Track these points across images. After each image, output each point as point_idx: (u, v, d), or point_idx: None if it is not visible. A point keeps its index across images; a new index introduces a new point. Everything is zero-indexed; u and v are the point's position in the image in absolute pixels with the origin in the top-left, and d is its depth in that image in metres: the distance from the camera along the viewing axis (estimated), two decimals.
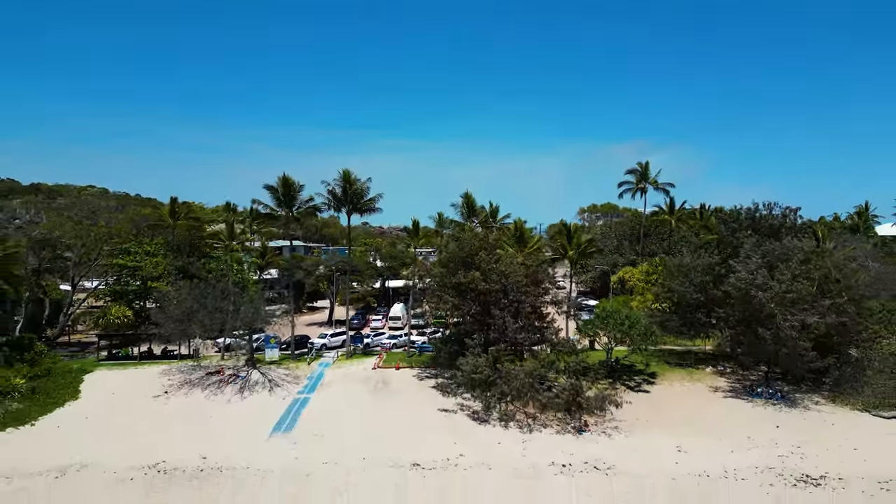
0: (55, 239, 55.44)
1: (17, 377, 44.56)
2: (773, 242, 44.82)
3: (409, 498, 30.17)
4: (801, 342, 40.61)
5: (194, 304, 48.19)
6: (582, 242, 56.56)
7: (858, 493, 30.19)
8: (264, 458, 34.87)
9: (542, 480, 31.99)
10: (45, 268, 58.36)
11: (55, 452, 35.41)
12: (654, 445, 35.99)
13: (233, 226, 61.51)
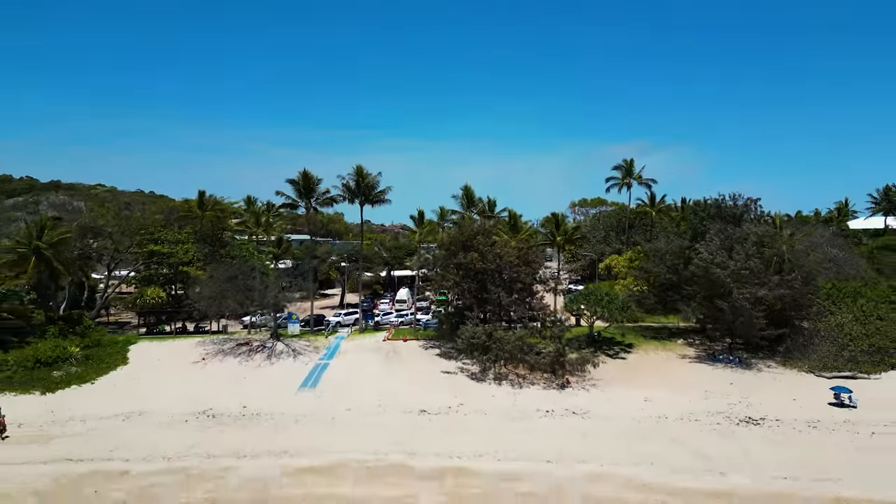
0: (99, 227, 61.36)
1: (73, 346, 50.50)
2: (733, 228, 50.88)
3: (417, 433, 36.14)
4: (754, 312, 46.61)
5: (226, 283, 54.19)
6: (568, 230, 62.68)
7: (790, 430, 36.19)
8: (295, 406, 40.92)
9: (528, 421, 38.00)
10: (87, 254, 64.29)
11: (117, 403, 41.42)
12: (625, 397, 41.99)
13: (259, 215, 67.68)
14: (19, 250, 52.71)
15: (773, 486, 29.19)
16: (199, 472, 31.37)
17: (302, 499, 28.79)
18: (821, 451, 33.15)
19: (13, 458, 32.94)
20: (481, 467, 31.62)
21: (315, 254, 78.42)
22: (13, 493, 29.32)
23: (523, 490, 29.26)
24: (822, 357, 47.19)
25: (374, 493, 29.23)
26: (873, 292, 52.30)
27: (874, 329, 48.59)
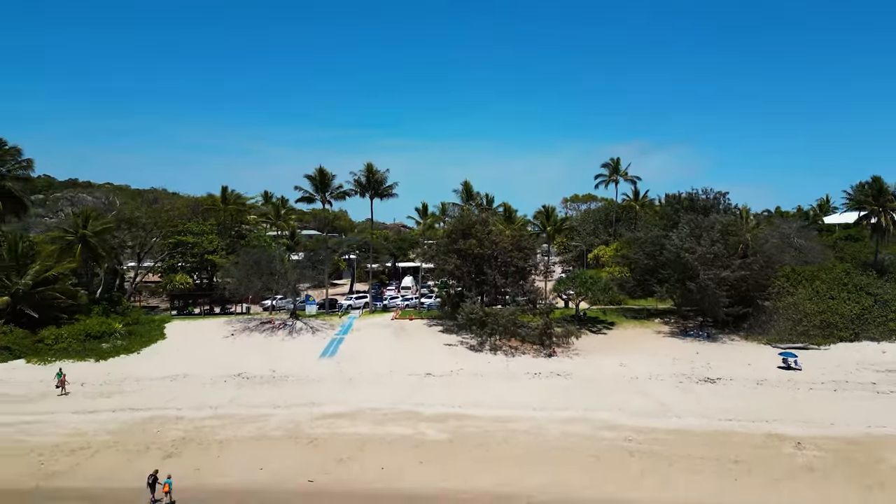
0: (135, 219, 67.27)
1: (117, 323, 56.33)
2: (702, 218, 56.75)
3: (424, 390, 42.03)
4: (718, 292, 52.51)
5: (251, 268, 60.05)
6: (557, 221, 68.59)
7: (740, 386, 42.08)
8: (317, 371, 46.85)
9: (518, 381, 43.92)
10: (121, 243, 70.13)
11: (162, 368, 47.32)
12: (603, 363, 47.86)
13: (279, 208, 73.60)
14: (67, 238, 58.61)
15: (718, 426, 35.01)
16: (242, 417, 37.21)
17: (329, 435, 34.52)
18: (763, 401, 39.02)
19: (84, 409, 38.83)
20: (478, 413, 37.47)
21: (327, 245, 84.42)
22: (90, 432, 35.09)
23: (511, 428, 35.02)
24: (779, 331, 53.07)
25: (389, 432, 34.99)
26: (828, 275, 58.14)
27: (826, 307, 54.47)
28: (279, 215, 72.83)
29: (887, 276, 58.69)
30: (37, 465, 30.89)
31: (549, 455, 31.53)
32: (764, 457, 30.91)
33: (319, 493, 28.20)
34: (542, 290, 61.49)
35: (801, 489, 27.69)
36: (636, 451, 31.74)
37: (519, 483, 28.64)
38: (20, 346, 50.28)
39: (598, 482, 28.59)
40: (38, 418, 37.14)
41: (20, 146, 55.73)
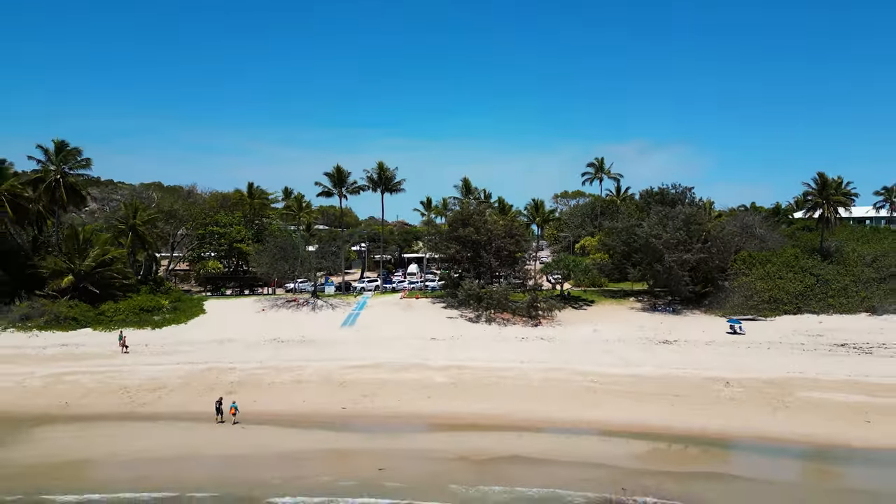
0: (174, 211, 75.23)
1: (164, 300, 64.26)
2: (669, 209, 64.64)
3: (430, 349, 49.92)
4: (681, 272, 60.42)
5: (278, 253, 67.96)
6: (545, 213, 76.47)
7: (692, 346, 50.03)
8: (340, 336, 54.82)
9: (508, 343, 51.86)
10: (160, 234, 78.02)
11: (209, 334, 55.27)
12: (580, 330, 55.81)
13: (300, 202, 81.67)
14: (119, 226, 66.53)
15: (667, 372, 42.93)
16: (282, 368, 45.08)
17: (354, 380, 42.33)
18: (708, 356, 46.97)
19: (152, 363, 46.74)
20: (474, 365, 45.36)
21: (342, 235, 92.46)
22: (163, 377, 42.96)
23: (501, 375, 42.90)
24: (734, 306, 60.97)
25: (402, 377, 42.84)
26: (779, 259, 66.01)
27: (774, 285, 62.37)
28: (301, 207, 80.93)
29: (831, 259, 66.54)
30: (128, 399, 38.82)
31: (530, 392, 39.45)
32: (698, 392, 38.82)
33: (350, 416, 36.08)
34: (532, 272, 69.42)
35: (723, 411, 35.52)
36: (598, 389, 39.68)
37: (505, 408, 36.49)
38: (85, 317, 58.24)
39: (566, 408, 36.47)
40: (117, 369, 45.08)
41: (80, 147, 63.42)
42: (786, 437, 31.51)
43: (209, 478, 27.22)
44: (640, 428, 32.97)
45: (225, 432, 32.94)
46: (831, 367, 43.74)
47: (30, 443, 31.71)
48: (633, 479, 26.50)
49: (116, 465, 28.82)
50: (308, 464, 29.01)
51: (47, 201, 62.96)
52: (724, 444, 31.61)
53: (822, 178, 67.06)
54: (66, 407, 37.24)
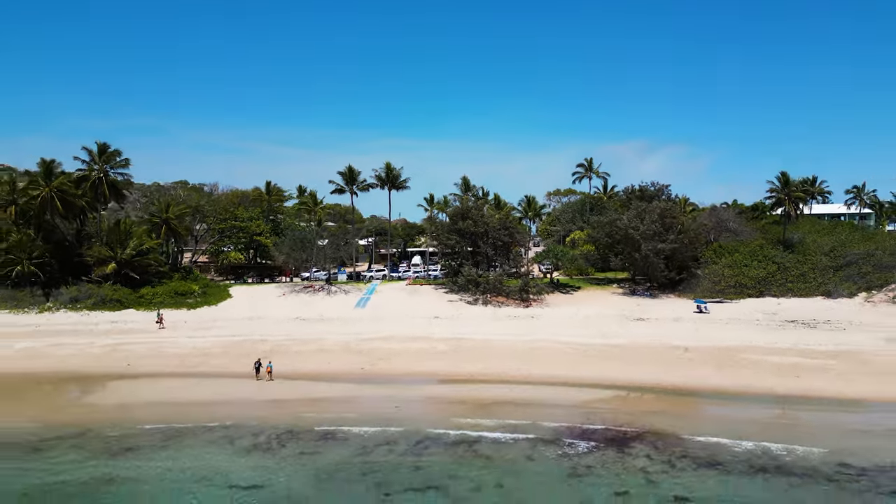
0: (200, 206, 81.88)
1: (194, 286, 70.83)
2: (646, 204, 71.24)
3: (433, 325, 56.46)
4: (656, 260, 67.01)
5: (296, 244, 74.57)
6: (537, 207, 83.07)
7: (661, 322, 56.56)
8: (354, 315, 61.41)
9: (501, 321, 58.41)
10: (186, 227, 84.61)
11: (238, 314, 61.86)
12: (566, 310, 62.40)
13: (315, 198, 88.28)
14: (154, 220, 73.13)
15: (635, 341, 49.41)
16: (307, 339, 51.63)
17: (370, 348, 48.83)
18: (673, 330, 53.48)
19: (193, 336, 53.27)
20: (472, 337, 51.90)
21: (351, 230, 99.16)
22: (205, 347, 49.49)
23: (494, 344, 49.43)
24: (703, 290, 67.59)
25: (411, 346, 49.34)
26: (745, 248, 72.63)
27: (740, 272, 68.98)
28: (315, 203, 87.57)
29: (793, 249, 73.09)
30: (179, 362, 45.32)
31: (519, 356, 45.91)
32: (660, 356, 45.35)
33: (368, 374, 42.55)
34: (524, 260, 76.06)
35: (678, 369, 41.97)
36: (576, 354, 46.18)
37: (497, 368, 42.85)
38: (128, 299, 64.84)
39: (547, 368, 42.94)
40: (164, 340, 51.65)
41: (120, 150, 69.97)
42: (725, 388, 38.07)
43: (261, 414, 33.72)
44: (608, 381, 39.50)
45: (265, 385, 39.45)
46: (778, 337, 50.40)
47: (109, 392, 38.34)
48: (597, 414, 33.13)
49: (185, 404, 35.33)
50: (336, 405, 35.58)
51: (91, 197, 69.49)
52: (675, 392, 38.09)
53: (784, 176, 73.70)
54: (129, 368, 43.76)
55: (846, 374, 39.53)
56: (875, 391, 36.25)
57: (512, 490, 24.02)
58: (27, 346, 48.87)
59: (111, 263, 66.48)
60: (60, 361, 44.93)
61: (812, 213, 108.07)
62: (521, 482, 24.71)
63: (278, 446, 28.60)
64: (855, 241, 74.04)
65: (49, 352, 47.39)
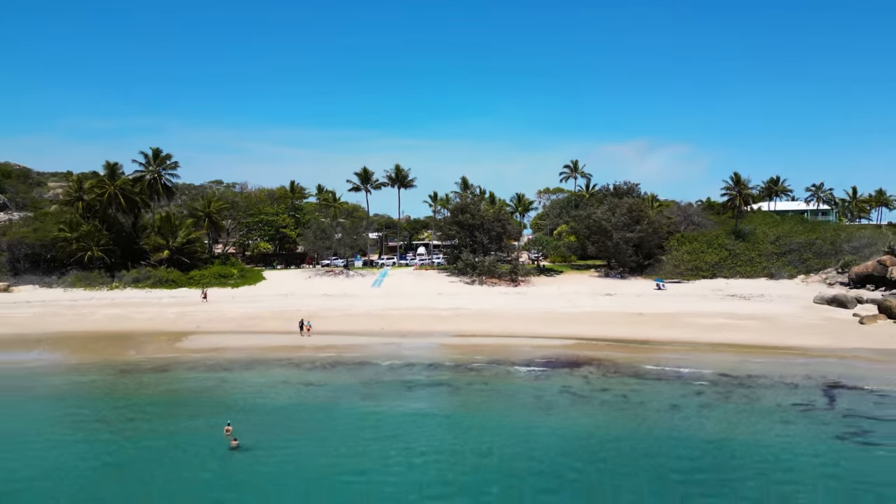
0: (236, 202, 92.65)
1: (233, 269, 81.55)
2: (618, 200, 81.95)
3: (437, 300, 67.13)
4: (626, 248, 77.73)
5: (319, 234, 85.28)
6: (527, 203, 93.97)
7: (626, 297, 67.22)
8: (371, 293, 72.15)
9: (494, 297, 69.10)
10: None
11: (274, 291, 72.56)
12: (548, 289, 73.14)
13: (335, 195, 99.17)
14: (198, 214, 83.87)
15: (601, 309, 60.13)
16: (335, 308, 62.28)
17: (387, 315, 59.39)
18: (634, 302, 64.16)
19: (241, 306, 63.97)
20: (469, 307, 62.51)
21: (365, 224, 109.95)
22: (254, 314, 60.16)
23: (488, 312, 60.11)
24: (665, 273, 78.30)
25: (420, 314, 59.84)
26: (703, 238, 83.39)
27: (696, 258, 79.74)
28: (335, 200, 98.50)
29: (744, 238, 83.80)
30: (236, 325, 55.91)
31: (505, 320, 56.59)
32: (618, 319, 55.98)
33: (388, 331, 52.96)
34: (514, 248, 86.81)
35: (631, 328, 52.51)
36: (554, 318, 56.78)
37: (489, 327, 53.46)
38: (180, 279, 75.52)
39: (527, 327, 53.48)
40: (220, 310, 62.20)
41: (171, 153, 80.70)
42: (662, 338, 48.65)
43: (309, 354, 44.32)
44: (572, 335, 49.94)
45: (308, 338, 50.06)
46: (715, 306, 61.13)
47: (191, 341, 48.95)
48: (559, 353, 43.85)
49: (252, 348, 45.98)
50: (366, 349, 46.10)
51: (147, 195, 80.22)
52: (623, 341, 48.58)
53: (736, 176, 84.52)
54: (198, 328, 54.43)
55: (755, 330, 50.29)
56: (771, 340, 46.91)
57: (493, 385, 34.79)
58: (112, 313, 59.61)
59: (165, 250, 77.24)
60: (144, 323, 55.67)
61: (777, 209, 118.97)
62: (500, 382, 35.47)
63: (330, 367, 39.39)
64: (798, 233, 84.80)
65: (133, 316, 58.15)
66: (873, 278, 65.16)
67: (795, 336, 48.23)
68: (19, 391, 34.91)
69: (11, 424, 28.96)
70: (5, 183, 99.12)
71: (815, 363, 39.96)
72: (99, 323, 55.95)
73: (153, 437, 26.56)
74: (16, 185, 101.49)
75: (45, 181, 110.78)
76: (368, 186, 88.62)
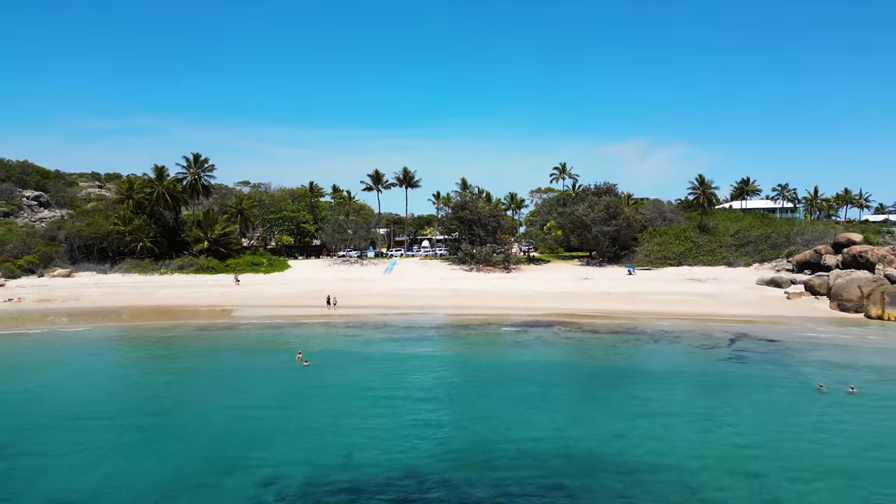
0: (263, 201, 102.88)
1: (263, 259, 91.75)
2: (596, 199, 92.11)
3: (440, 283, 77.33)
4: (604, 239, 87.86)
5: (336, 228, 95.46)
6: (519, 201, 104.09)
7: (602, 280, 77.38)
8: (384, 277, 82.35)
9: (489, 281, 79.28)
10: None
11: (301, 277, 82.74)
12: (535, 274, 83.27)
13: (350, 195, 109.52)
14: (232, 210, 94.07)
15: (579, 289, 70.35)
16: (354, 289, 72.50)
17: (399, 294, 69.54)
18: (607, 284, 74.19)
19: (275, 288, 74.23)
20: (467, 289, 72.69)
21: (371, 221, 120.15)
22: (287, 293, 70.30)
23: (483, 291, 70.29)
24: (637, 261, 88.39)
25: (426, 293, 70.01)
26: (672, 231, 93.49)
27: (665, 248, 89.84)
28: (350, 198, 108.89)
29: (708, 232, 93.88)
30: (275, 301, 66.10)
31: (498, 297, 66.74)
32: (591, 296, 66.07)
33: (400, 305, 63.12)
34: (507, 240, 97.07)
35: (600, 304, 62.59)
36: (538, 296, 66.92)
37: (485, 303, 63.67)
38: (217, 266, 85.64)
39: (515, 304, 63.51)
40: (258, 290, 72.41)
41: (208, 157, 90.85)
42: (622, 310, 58.58)
43: (338, 321, 54.58)
44: (550, 308, 60.00)
45: (335, 310, 60.24)
46: (674, 287, 71.28)
47: (241, 312, 59.08)
48: (539, 319, 54.02)
49: (292, 316, 56.11)
50: (383, 317, 56.35)
51: (188, 194, 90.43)
52: (592, 312, 58.91)
53: (701, 177, 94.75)
54: (244, 301, 64.70)
55: (701, 304, 60.39)
56: (711, 311, 56.91)
57: (484, 337, 45.02)
58: (169, 293, 69.81)
59: (205, 241, 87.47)
60: (198, 300, 65.84)
61: (747, 207, 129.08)
62: (489, 335, 45.69)
63: (358, 327, 49.62)
64: (755, 227, 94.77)
65: (186, 295, 68.37)
66: (810, 265, 75.17)
67: (731, 308, 58.39)
68: (127, 342, 45.26)
69: (138, 363, 39.31)
70: (47, 183, 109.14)
71: (737, 325, 50.00)
72: (161, 299, 66.17)
73: (248, 364, 36.61)
74: (56, 184, 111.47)
75: (75, 181, 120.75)
76: (379, 186, 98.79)
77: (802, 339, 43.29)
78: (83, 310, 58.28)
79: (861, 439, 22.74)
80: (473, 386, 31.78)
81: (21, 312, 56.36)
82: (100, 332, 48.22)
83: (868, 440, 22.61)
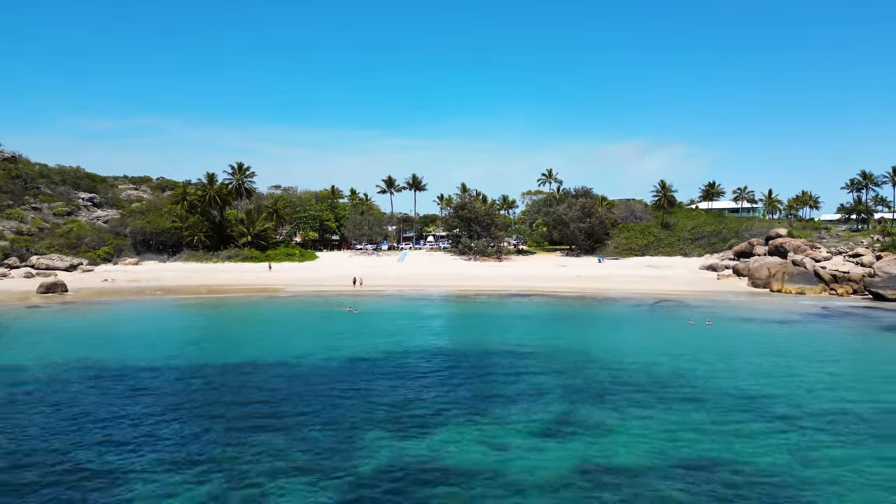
0: (293, 202, 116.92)
1: (295, 251, 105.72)
2: (575, 200, 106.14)
3: (444, 270, 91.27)
4: (581, 234, 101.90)
5: (357, 224, 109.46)
6: (511, 201, 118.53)
7: (577, 268, 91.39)
8: (397, 265, 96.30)
9: (484, 269, 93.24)
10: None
11: (327, 264, 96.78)
12: (522, 263, 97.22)
13: (367, 197, 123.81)
14: (269, 210, 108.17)
15: (555, 273, 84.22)
16: (374, 274, 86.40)
17: (410, 277, 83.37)
18: (579, 270, 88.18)
19: (309, 273, 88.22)
20: (467, 273, 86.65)
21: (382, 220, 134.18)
22: (320, 276, 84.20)
23: (481, 275, 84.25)
24: (607, 252, 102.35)
25: (434, 276, 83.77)
26: (637, 227, 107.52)
27: (631, 241, 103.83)
28: (366, 199, 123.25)
29: (668, 228, 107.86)
30: (311, 283, 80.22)
31: (491, 279, 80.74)
32: (564, 278, 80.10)
33: (414, 285, 76.94)
34: (501, 235, 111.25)
35: (570, 283, 76.62)
36: (521, 278, 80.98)
37: (479, 283, 77.44)
38: (258, 257, 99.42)
39: (503, 283, 77.50)
40: (293, 274, 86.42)
41: (249, 164, 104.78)
42: (586, 287, 72.71)
43: (365, 297, 68.56)
44: (530, 287, 73.75)
45: (360, 289, 74.21)
46: (633, 271, 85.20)
47: (288, 290, 73.19)
48: (520, 293, 68.05)
49: (330, 293, 70.17)
50: (400, 291, 70.20)
51: (233, 196, 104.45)
52: (564, 290, 72.80)
53: (662, 183, 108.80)
54: (288, 282, 78.69)
55: (652, 283, 74.32)
56: (658, 288, 70.63)
57: (478, 303, 59.06)
58: (227, 276, 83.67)
59: (248, 236, 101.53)
60: (251, 281, 79.75)
61: (712, 207, 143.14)
62: (481, 302, 59.72)
63: (382, 297, 63.77)
64: (709, 224, 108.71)
65: (241, 278, 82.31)
66: (745, 254, 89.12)
67: (674, 286, 72.31)
68: (223, 304, 59.30)
69: (243, 313, 53.45)
70: (95, 186, 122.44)
71: (671, 296, 63.56)
72: (223, 281, 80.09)
73: (317, 311, 50.65)
74: (102, 187, 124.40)
75: (116, 184, 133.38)
76: (392, 189, 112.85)
77: (708, 302, 57.34)
78: (168, 287, 72.21)
79: (698, 342, 36.52)
80: (470, 320, 45.97)
81: (122, 289, 70.39)
82: (200, 301, 61.92)
83: (700, 343, 36.28)
